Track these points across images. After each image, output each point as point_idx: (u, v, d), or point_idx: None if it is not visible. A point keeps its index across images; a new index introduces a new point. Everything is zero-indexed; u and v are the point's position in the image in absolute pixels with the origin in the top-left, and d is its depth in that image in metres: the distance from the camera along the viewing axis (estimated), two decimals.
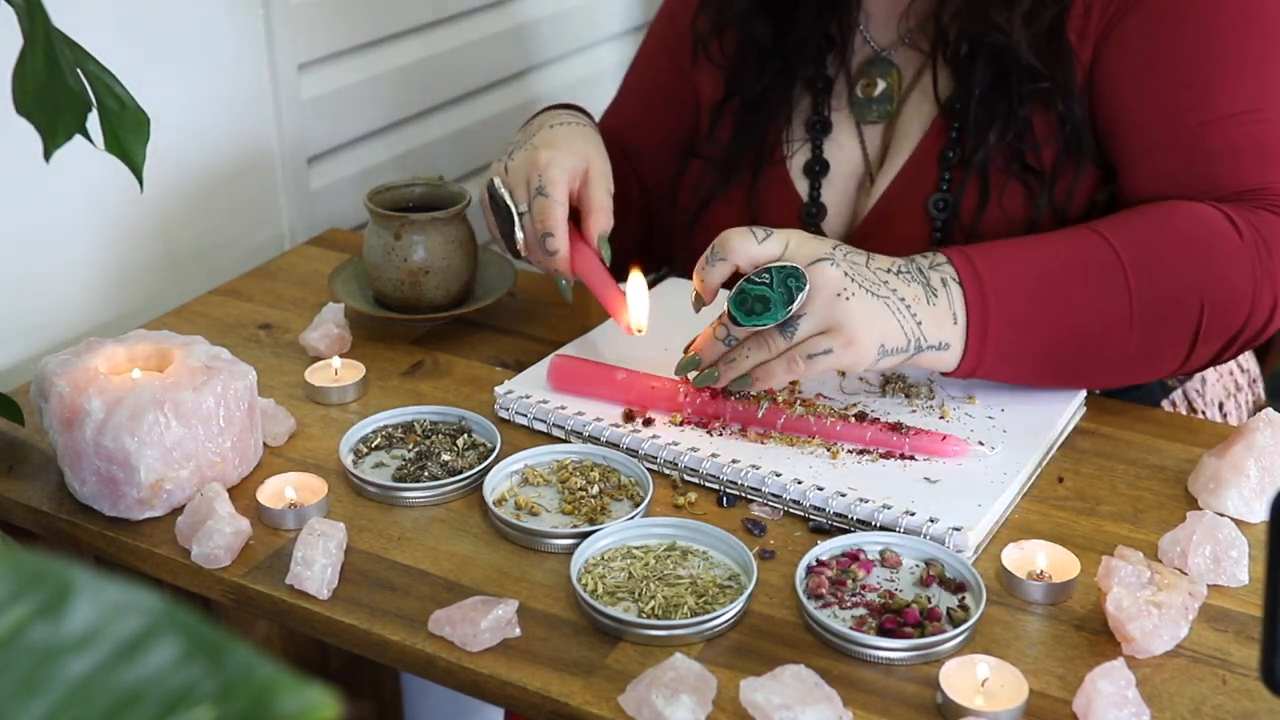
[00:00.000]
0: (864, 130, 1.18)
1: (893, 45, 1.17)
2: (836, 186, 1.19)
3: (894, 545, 0.87)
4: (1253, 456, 0.91)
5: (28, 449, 1.00)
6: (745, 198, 1.21)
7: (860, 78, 1.18)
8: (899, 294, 0.94)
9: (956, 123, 1.10)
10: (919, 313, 0.94)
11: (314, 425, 1.04)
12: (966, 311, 0.95)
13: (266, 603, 0.86)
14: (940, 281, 0.96)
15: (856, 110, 1.18)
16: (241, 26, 1.31)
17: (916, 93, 1.15)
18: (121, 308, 1.25)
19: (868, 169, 1.18)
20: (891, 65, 1.17)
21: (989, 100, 1.08)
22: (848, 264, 0.93)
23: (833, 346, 0.92)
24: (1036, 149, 1.08)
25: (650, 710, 0.73)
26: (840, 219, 1.19)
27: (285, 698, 0.30)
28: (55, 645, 0.31)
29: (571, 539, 0.88)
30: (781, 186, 1.20)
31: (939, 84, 1.12)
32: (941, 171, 1.11)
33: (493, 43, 1.64)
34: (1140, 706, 0.73)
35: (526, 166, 1.08)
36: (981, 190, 1.09)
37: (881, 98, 1.17)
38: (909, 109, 1.16)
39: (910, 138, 1.14)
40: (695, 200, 1.24)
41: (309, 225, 1.43)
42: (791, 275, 0.91)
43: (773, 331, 0.92)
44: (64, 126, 0.75)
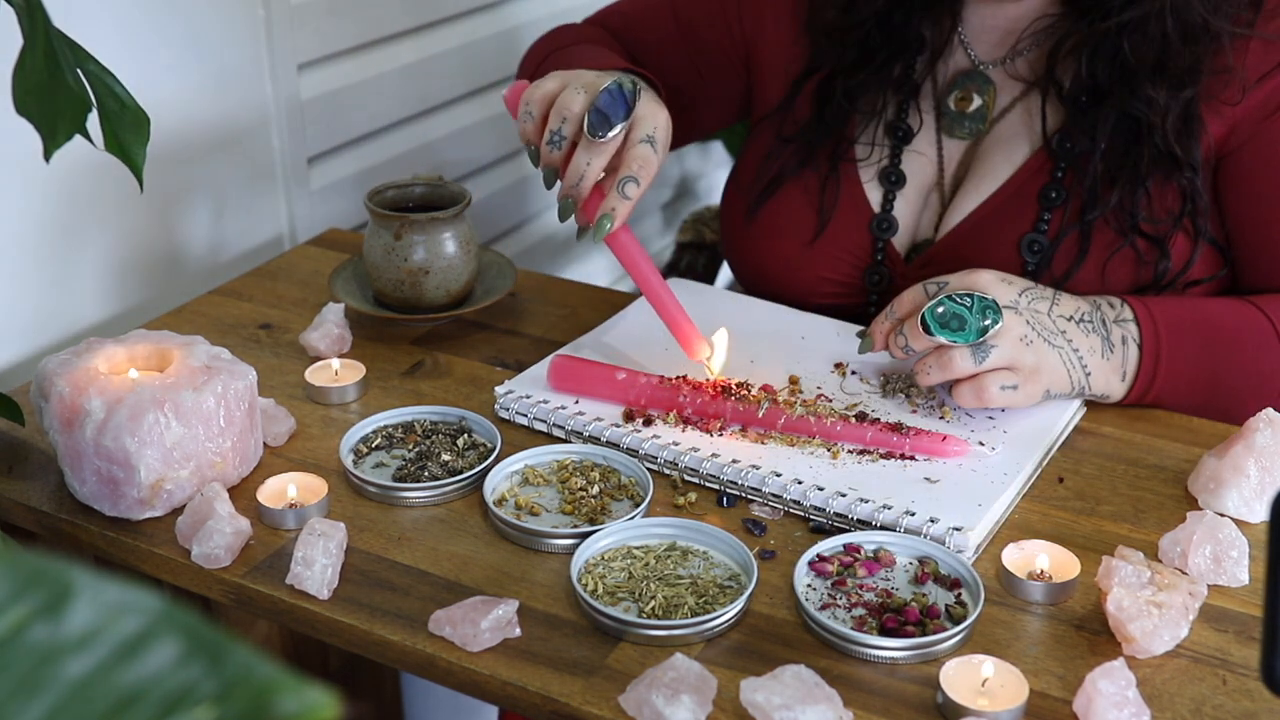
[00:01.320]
0: (944, 143, 1.16)
1: (992, 61, 1.14)
2: (908, 198, 1.16)
3: (887, 544, 0.87)
4: (1253, 456, 0.91)
5: (28, 449, 1.00)
6: (820, 189, 1.17)
7: (954, 89, 1.15)
8: (1074, 344, 0.99)
9: (1063, 163, 1.08)
10: (1090, 364, 1.00)
11: (314, 425, 1.04)
12: (1138, 374, 1.02)
13: (266, 603, 0.86)
14: (1120, 339, 1.01)
15: (945, 122, 1.15)
16: (241, 26, 1.31)
17: (1012, 118, 1.13)
18: (121, 308, 1.25)
19: (941, 184, 1.16)
20: (990, 82, 1.14)
21: (1113, 158, 1.06)
22: (1030, 312, 0.98)
23: (1018, 383, 0.97)
24: (1153, 218, 1.06)
25: (650, 710, 0.73)
26: (907, 231, 1.16)
27: (285, 698, 0.30)
28: (55, 645, 0.31)
29: (572, 539, 0.88)
30: (853, 189, 1.17)
31: (1046, 119, 1.09)
32: (1041, 211, 1.09)
33: (493, 43, 1.64)
34: (1140, 706, 0.73)
35: (651, 107, 1.01)
36: (1080, 244, 1.07)
37: (975, 115, 1.14)
38: (1002, 132, 1.13)
39: (1002, 165, 1.11)
40: (761, 178, 1.20)
41: (309, 225, 1.43)
42: (991, 307, 0.95)
43: (963, 352, 0.95)
44: (64, 126, 0.75)
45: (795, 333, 1.13)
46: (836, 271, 1.17)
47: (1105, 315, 1.01)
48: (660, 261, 2.04)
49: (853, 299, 1.18)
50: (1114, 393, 1.02)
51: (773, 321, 1.15)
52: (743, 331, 1.13)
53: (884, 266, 1.16)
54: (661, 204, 2.13)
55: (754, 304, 1.19)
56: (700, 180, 2.19)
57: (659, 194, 2.11)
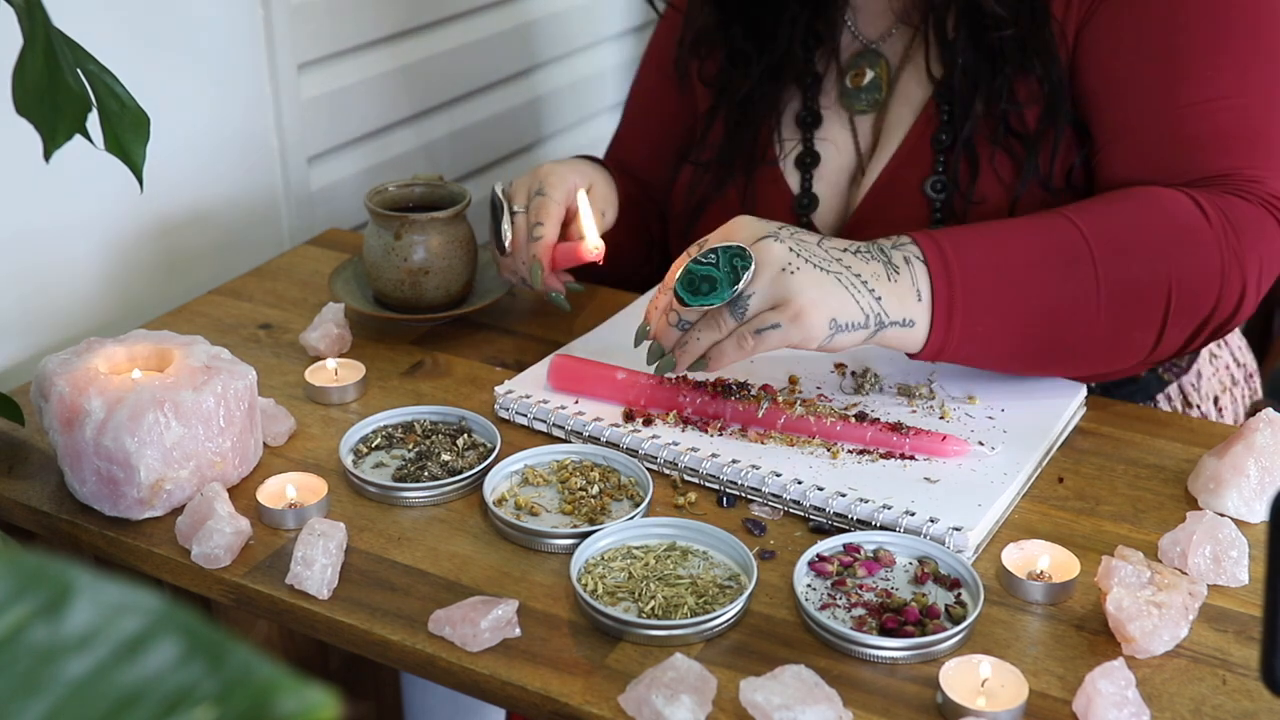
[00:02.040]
0: (856, 121, 1.19)
1: (880, 38, 1.18)
2: (828, 179, 1.19)
3: (887, 544, 0.87)
4: (1253, 456, 0.91)
5: (28, 449, 1.00)
6: (740, 199, 1.21)
7: (849, 69, 1.19)
8: (854, 270, 0.92)
9: (946, 104, 1.11)
10: (878, 289, 0.92)
11: (314, 425, 1.04)
12: (932, 288, 0.93)
13: (266, 603, 0.86)
14: (903, 259, 0.94)
15: (846, 101, 1.19)
16: (241, 26, 1.31)
17: (904, 80, 1.16)
18: (121, 308, 1.25)
19: (859, 160, 1.18)
20: (879, 55, 1.18)
21: (972, 71, 1.08)
22: (793, 240, 0.92)
23: (780, 321, 0.90)
24: (1019, 110, 1.08)
25: (650, 710, 0.73)
26: (833, 210, 1.19)
27: (285, 698, 0.30)
28: (55, 645, 0.31)
29: (571, 539, 0.88)
30: (774, 183, 1.20)
31: (930, 64, 1.12)
32: (935, 154, 1.11)
33: (493, 43, 1.64)
34: (1140, 706, 0.73)
35: (528, 179, 1.15)
36: (970, 164, 1.09)
37: (870, 86, 1.17)
38: (898, 97, 1.16)
39: (901, 124, 1.15)
40: (689, 206, 1.25)
41: (309, 225, 1.43)
42: (737, 255, 0.90)
43: (723, 311, 0.91)
44: (64, 127, 0.75)
45: None
46: None
47: (882, 245, 0.95)
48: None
49: None
50: (917, 317, 0.93)
51: None
52: None
53: None
54: None
55: None
56: None
57: None
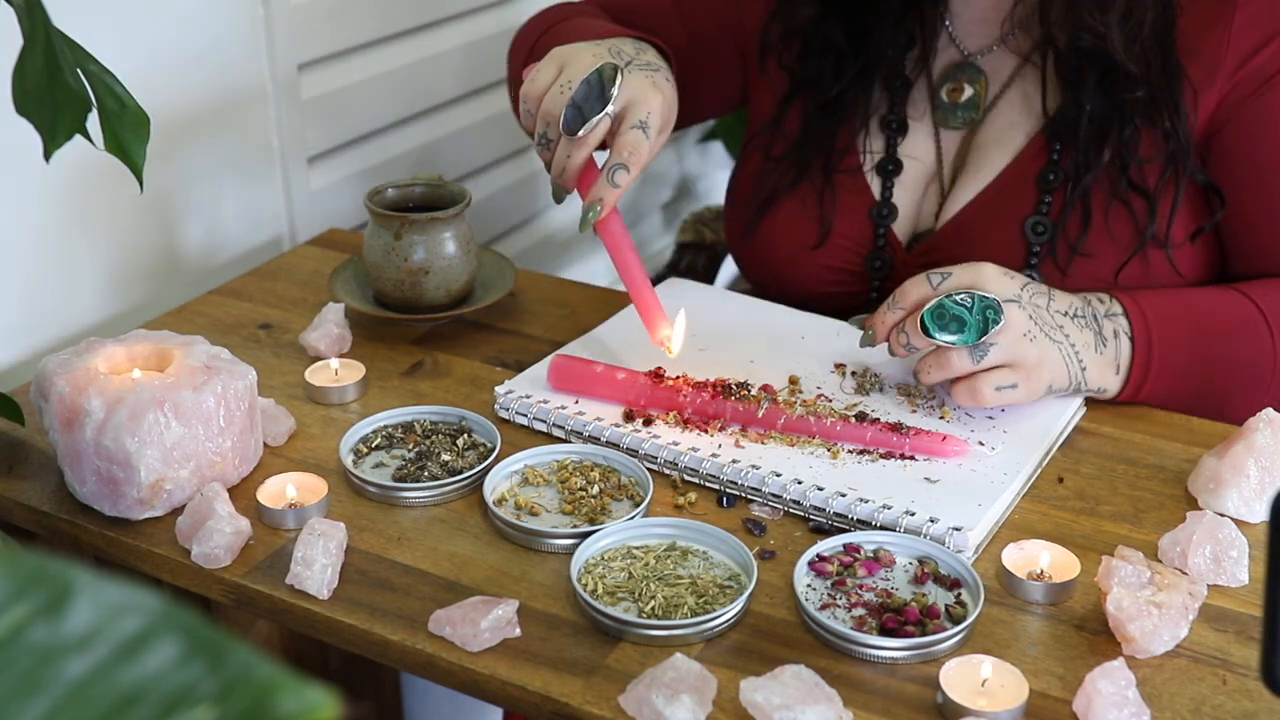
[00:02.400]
0: (942, 135, 1.17)
1: (981, 50, 1.15)
2: (908, 187, 1.17)
3: (887, 544, 0.87)
4: (1253, 456, 0.91)
5: (28, 449, 1.00)
6: (818, 200, 1.18)
7: (946, 81, 1.16)
8: (1071, 340, 0.98)
9: (1058, 143, 1.09)
10: (1085, 360, 0.99)
11: (314, 425, 1.04)
12: (1130, 366, 1.01)
13: (266, 603, 0.86)
14: (1112, 333, 1.01)
15: (940, 114, 1.16)
16: (241, 26, 1.31)
17: (1005, 103, 1.14)
18: (121, 308, 1.25)
19: (940, 175, 1.17)
20: (980, 72, 1.15)
21: (1099, 116, 1.07)
22: (1032, 307, 0.97)
23: (1017, 382, 0.96)
24: (1140, 165, 1.06)
25: (650, 710, 0.73)
26: (908, 220, 1.17)
27: (285, 698, 0.30)
28: (55, 645, 0.31)
29: (571, 539, 0.88)
30: (853, 185, 1.18)
31: (1047, 96, 1.10)
32: (1040, 193, 1.09)
33: (493, 42, 1.64)
34: (1140, 706, 0.73)
35: (640, 91, 1.01)
36: (1083, 215, 1.08)
37: (968, 104, 1.15)
38: (996, 118, 1.14)
39: (1000, 151, 1.12)
40: (756, 198, 1.21)
41: (309, 225, 1.43)
42: (991, 307, 0.95)
43: (960, 352, 0.95)
44: (64, 126, 0.75)
45: (795, 333, 1.13)
46: (839, 260, 1.19)
47: (1096, 310, 1.01)
48: (660, 261, 2.04)
49: (855, 287, 1.19)
50: (1110, 387, 1.02)
51: (773, 321, 1.15)
52: (743, 331, 1.13)
53: (885, 254, 1.17)
54: (661, 204, 2.12)
55: (754, 304, 1.19)
56: (700, 180, 2.19)
57: (659, 193, 2.11)
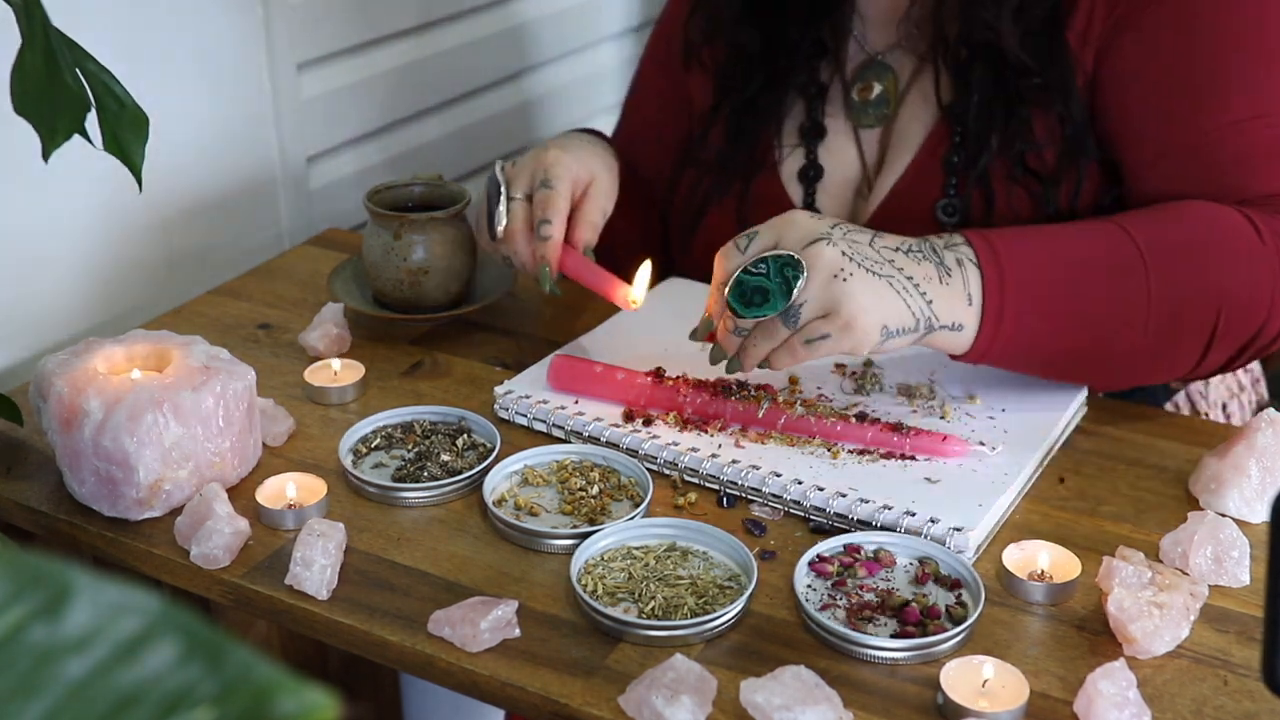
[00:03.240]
0: (861, 135, 1.17)
1: (888, 49, 1.16)
2: (832, 193, 1.18)
3: (887, 544, 0.87)
4: (1254, 457, 0.91)
5: (26, 449, 1.00)
6: (738, 206, 1.20)
7: (856, 81, 1.17)
8: (906, 272, 0.90)
9: (959, 127, 1.10)
10: (929, 291, 0.91)
11: (313, 425, 1.04)
12: (984, 293, 0.92)
13: (266, 603, 0.86)
14: (955, 261, 0.92)
15: (853, 115, 1.17)
16: (241, 26, 1.30)
17: (914, 96, 1.14)
18: (120, 308, 1.25)
19: (865, 174, 1.17)
20: (888, 69, 1.16)
21: (989, 104, 1.07)
22: (846, 243, 0.90)
23: (830, 331, 0.89)
24: (1038, 150, 1.07)
25: (650, 711, 0.72)
26: None
27: (285, 698, 0.30)
28: (54, 646, 0.31)
29: (571, 539, 0.88)
30: (774, 193, 1.19)
31: (940, 88, 1.11)
32: (947, 177, 1.10)
33: (492, 42, 1.64)
34: (1141, 707, 0.73)
35: (532, 162, 1.10)
36: (985, 196, 1.08)
37: (878, 101, 1.16)
38: (906, 113, 1.15)
39: (910, 142, 1.13)
40: (690, 208, 1.24)
41: (308, 225, 1.43)
42: (789, 264, 0.89)
43: (776, 320, 0.90)
44: (63, 126, 0.75)
45: None
46: None
47: (935, 244, 0.93)
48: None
49: None
50: (965, 321, 0.92)
51: None
52: None
53: None
54: None
55: None
56: None
57: None
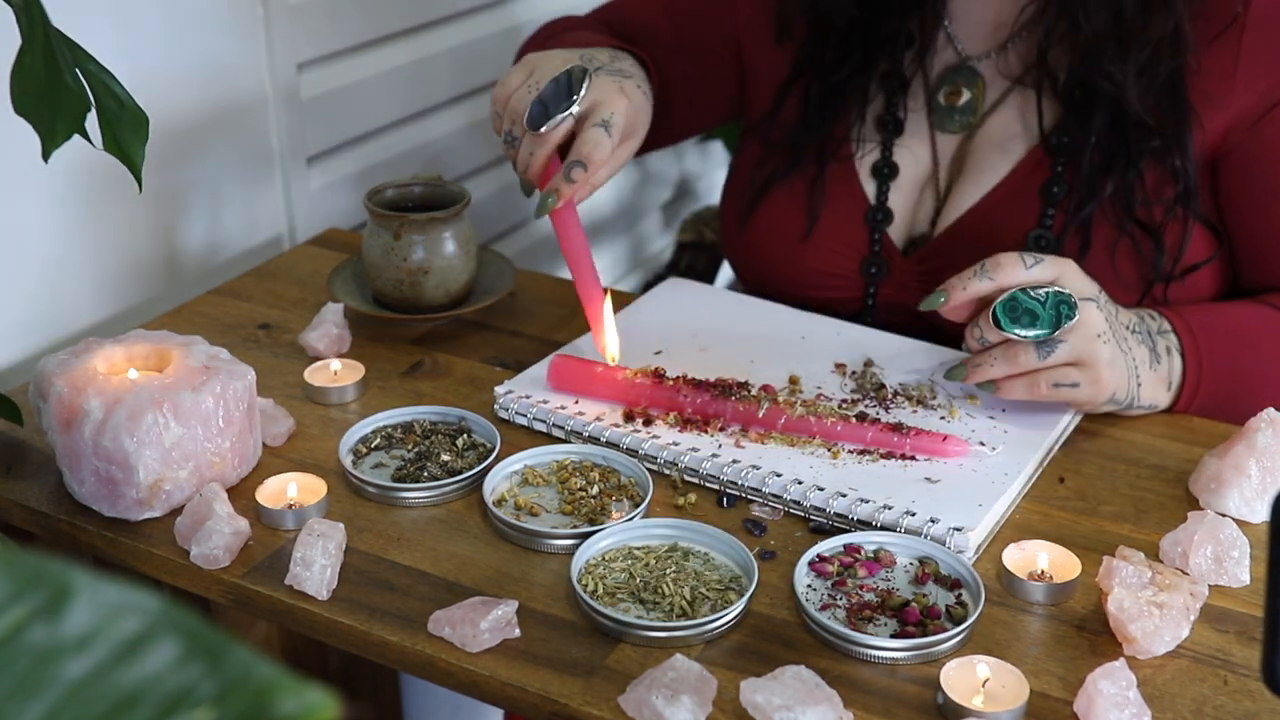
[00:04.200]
0: (937, 137, 1.16)
1: (980, 55, 1.14)
2: (905, 191, 1.16)
3: (887, 544, 0.87)
4: (1254, 456, 0.91)
5: (26, 449, 1.00)
6: (808, 190, 1.17)
7: (943, 83, 1.15)
8: (1134, 354, 0.97)
9: (1063, 160, 1.08)
10: (1142, 375, 0.99)
11: (313, 425, 1.04)
12: (1182, 384, 1.02)
13: (266, 603, 0.86)
14: (1165, 350, 1.00)
15: (936, 117, 1.15)
16: (241, 26, 1.30)
17: (1007, 114, 1.13)
18: (120, 308, 1.25)
19: (936, 179, 1.16)
20: (978, 75, 1.14)
21: (1104, 148, 1.06)
22: (1107, 311, 0.95)
23: (1080, 381, 0.94)
24: (1148, 205, 1.06)
25: (650, 711, 0.72)
26: (903, 224, 1.16)
27: (285, 699, 0.30)
28: (54, 646, 0.31)
29: (572, 539, 0.88)
30: (847, 183, 1.17)
31: (1043, 115, 1.10)
32: (1044, 206, 1.09)
33: (492, 42, 1.64)
34: (1141, 707, 0.73)
35: (606, 93, 1.04)
36: (1083, 237, 1.07)
37: (965, 108, 1.14)
38: (995, 126, 1.13)
39: (999, 160, 1.12)
40: (753, 186, 1.21)
41: (308, 225, 1.43)
42: (1065, 301, 0.92)
43: (1027, 347, 0.93)
44: (63, 126, 0.75)
45: (795, 333, 1.13)
46: (833, 264, 1.18)
47: (1150, 327, 1.01)
48: (660, 261, 2.04)
49: (850, 292, 1.18)
50: (1161, 403, 1.02)
51: (773, 321, 1.15)
52: (743, 331, 1.13)
53: (881, 258, 1.17)
54: (661, 204, 2.12)
55: (754, 304, 1.19)
56: (700, 180, 2.19)
57: (658, 193, 2.11)
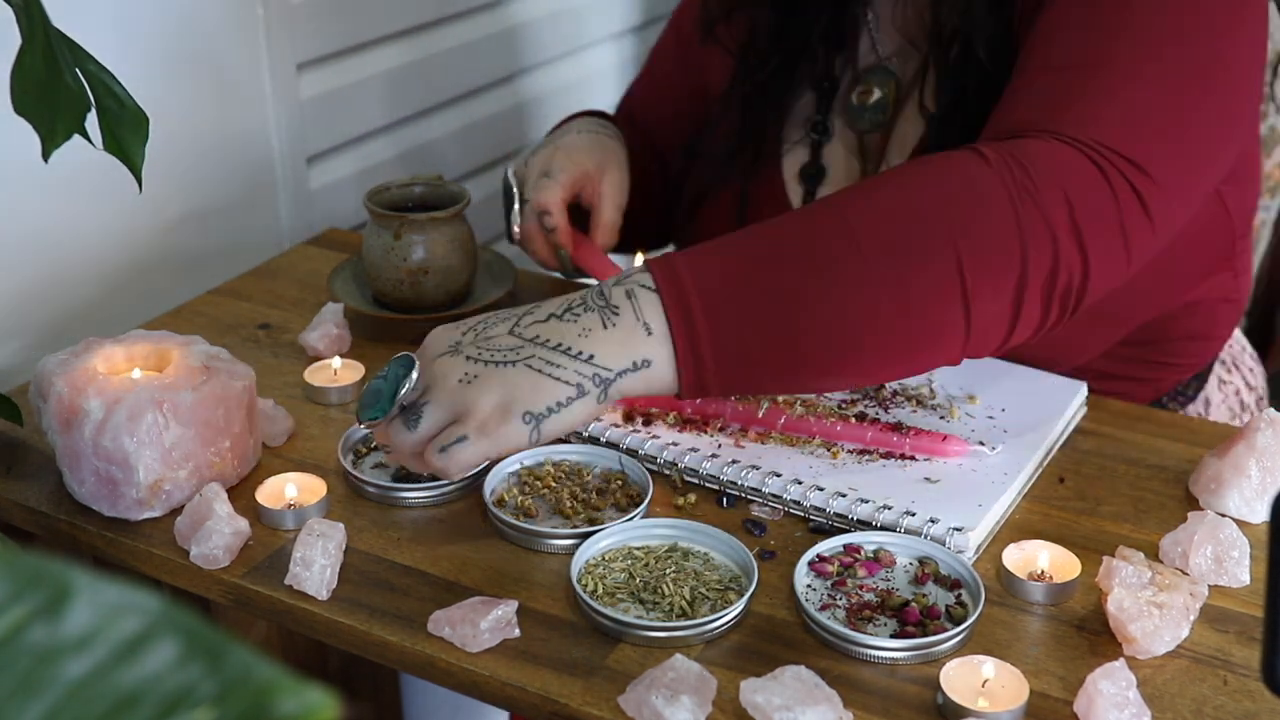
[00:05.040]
0: (865, 140, 1.15)
1: (894, 54, 1.14)
2: None
3: (887, 544, 0.87)
4: (1254, 456, 0.91)
5: (26, 449, 1.00)
6: (735, 202, 1.18)
7: (858, 84, 1.15)
8: (553, 342, 0.82)
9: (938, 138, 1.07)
10: (587, 347, 0.82)
11: (313, 425, 1.04)
12: (666, 318, 0.82)
13: (265, 603, 0.86)
14: (624, 295, 0.83)
15: (850, 117, 1.15)
16: (241, 26, 1.30)
17: (910, 104, 1.13)
18: (120, 307, 1.25)
19: (865, 176, 1.15)
20: (891, 74, 1.14)
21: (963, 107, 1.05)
22: (474, 347, 0.84)
23: (466, 433, 0.82)
24: None
25: (650, 711, 0.72)
26: None
27: (285, 699, 0.30)
28: (54, 646, 0.31)
29: (571, 539, 0.88)
30: (774, 190, 1.17)
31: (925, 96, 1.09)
32: None
33: (491, 42, 1.64)
34: (1141, 707, 0.73)
35: (540, 162, 1.15)
36: None
37: (875, 106, 1.14)
38: (904, 120, 1.13)
39: (902, 150, 1.12)
40: (689, 198, 1.22)
41: (308, 225, 1.43)
42: (402, 362, 0.84)
43: (397, 425, 0.84)
44: (63, 126, 0.75)
45: None
46: None
47: (606, 287, 0.85)
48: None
49: None
50: (652, 355, 0.83)
51: None
52: None
53: None
54: None
55: None
56: None
57: None
